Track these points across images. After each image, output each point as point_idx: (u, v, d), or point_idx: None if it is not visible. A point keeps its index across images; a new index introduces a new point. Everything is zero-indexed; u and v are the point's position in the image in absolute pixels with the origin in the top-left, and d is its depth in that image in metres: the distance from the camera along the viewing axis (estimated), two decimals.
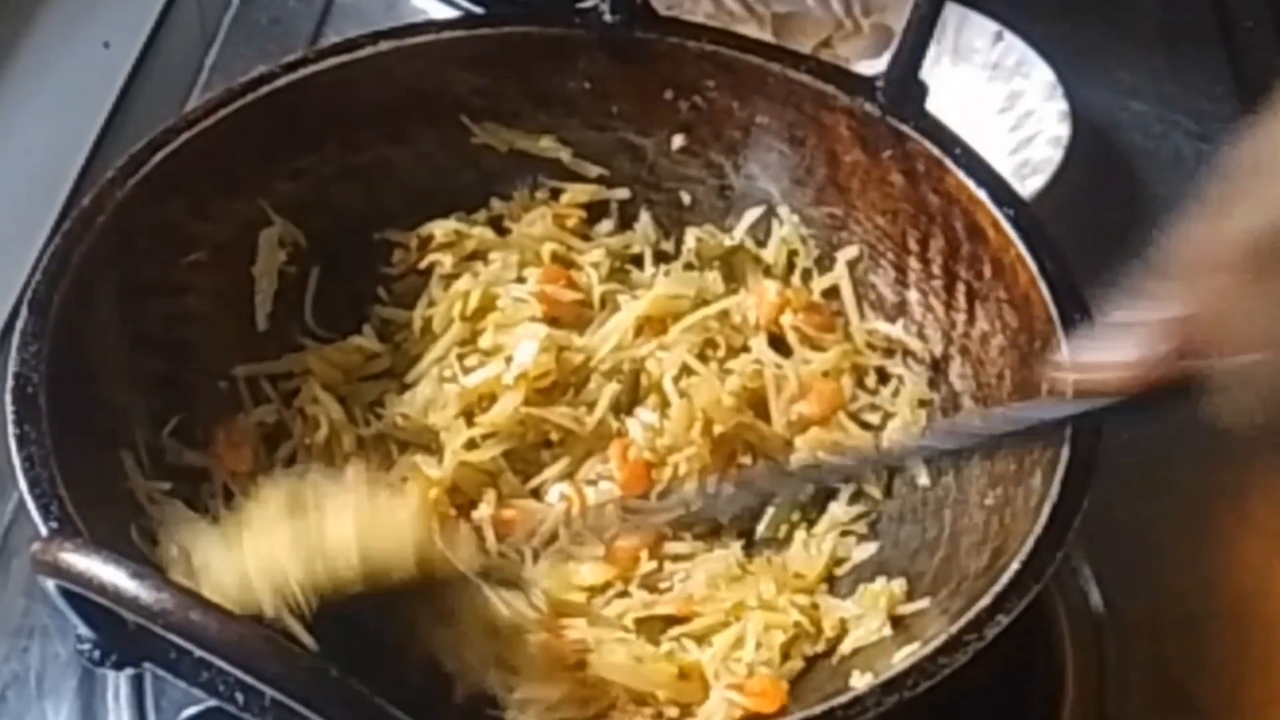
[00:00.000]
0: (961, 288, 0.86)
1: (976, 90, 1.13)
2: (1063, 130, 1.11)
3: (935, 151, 0.86)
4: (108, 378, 0.80)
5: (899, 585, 0.79)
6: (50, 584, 0.59)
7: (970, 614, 0.68)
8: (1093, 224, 1.09)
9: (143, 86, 1.14)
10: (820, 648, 0.79)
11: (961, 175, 0.85)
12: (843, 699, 0.66)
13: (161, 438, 0.82)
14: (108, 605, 0.56)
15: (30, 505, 0.70)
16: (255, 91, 0.88)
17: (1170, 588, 0.89)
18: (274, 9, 1.23)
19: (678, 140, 0.94)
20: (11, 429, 0.72)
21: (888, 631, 0.77)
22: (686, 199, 0.95)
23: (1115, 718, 0.87)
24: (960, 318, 0.86)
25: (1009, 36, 1.17)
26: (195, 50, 1.19)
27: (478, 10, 1.18)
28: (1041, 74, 1.15)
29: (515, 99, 0.93)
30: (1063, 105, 1.13)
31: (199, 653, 0.55)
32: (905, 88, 0.87)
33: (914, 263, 0.88)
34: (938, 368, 0.87)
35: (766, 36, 1.17)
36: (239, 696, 0.63)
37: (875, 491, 0.86)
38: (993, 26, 1.17)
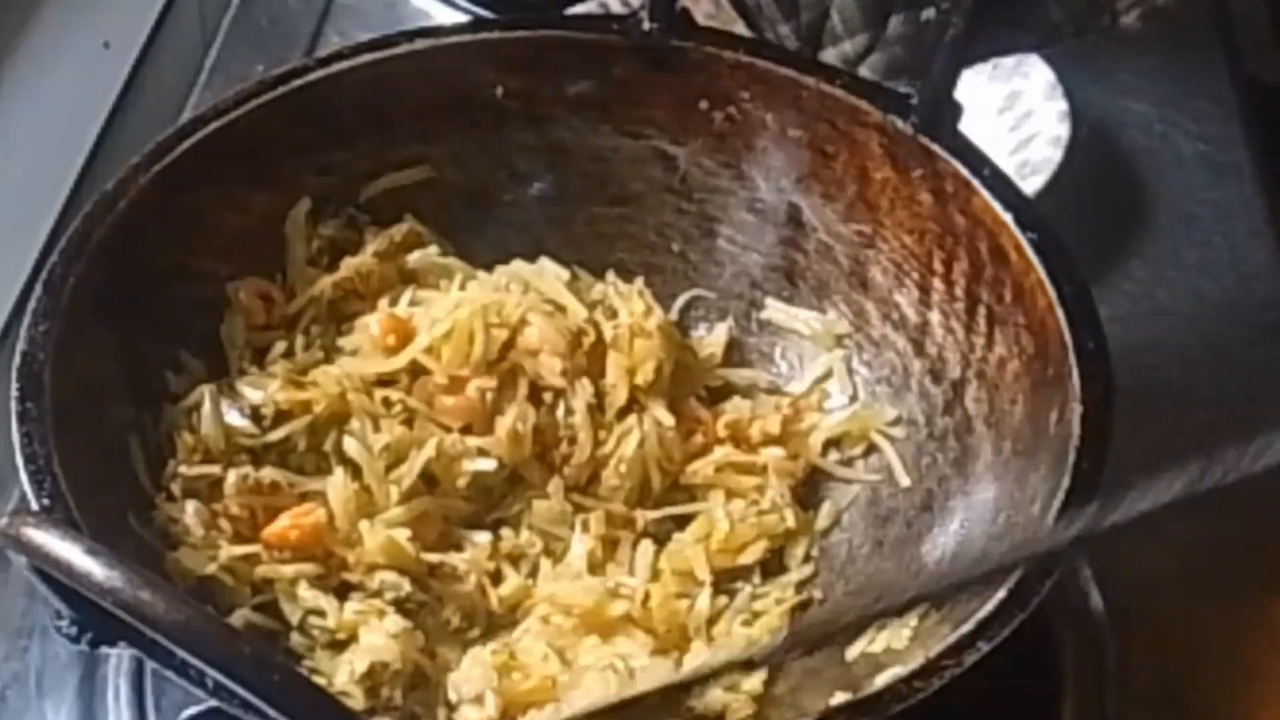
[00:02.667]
0: (982, 311, 0.85)
1: (976, 90, 1.11)
2: (1063, 130, 1.10)
3: (964, 172, 0.85)
4: (119, 362, 0.81)
5: None
6: (21, 560, 0.59)
7: (951, 639, 0.67)
8: (1093, 224, 1.08)
9: (143, 86, 1.14)
10: None
11: (988, 197, 0.84)
12: (814, 716, 0.65)
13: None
14: (66, 581, 0.56)
15: (24, 481, 0.71)
16: (287, 84, 0.88)
17: (1170, 588, 0.88)
18: (274, 9, 1.23)
19: (710, 150, 0.93)
20: (14, 405, 0.73)
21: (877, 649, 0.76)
22: (716, 211, 0.94)
23: (1115, 719, 0.86)
24: (979, 341, 0.85)
25: None
26: (195, 50, 1.20)
27: (481, 12, 1.18)
28: (1041, 74, 1.14)
29: (549, 102, 0.93)
30: (1063, 105, 1.12)
31: (149, 632, 0.55)
32: (939, 106, 0.86)
33: (938, 283, 0.87)
34: (955, 390, 0.86)
35: None
36: (209, 682, 0.63)
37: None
38: None
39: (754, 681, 0.77)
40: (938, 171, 0.86)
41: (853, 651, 0.77)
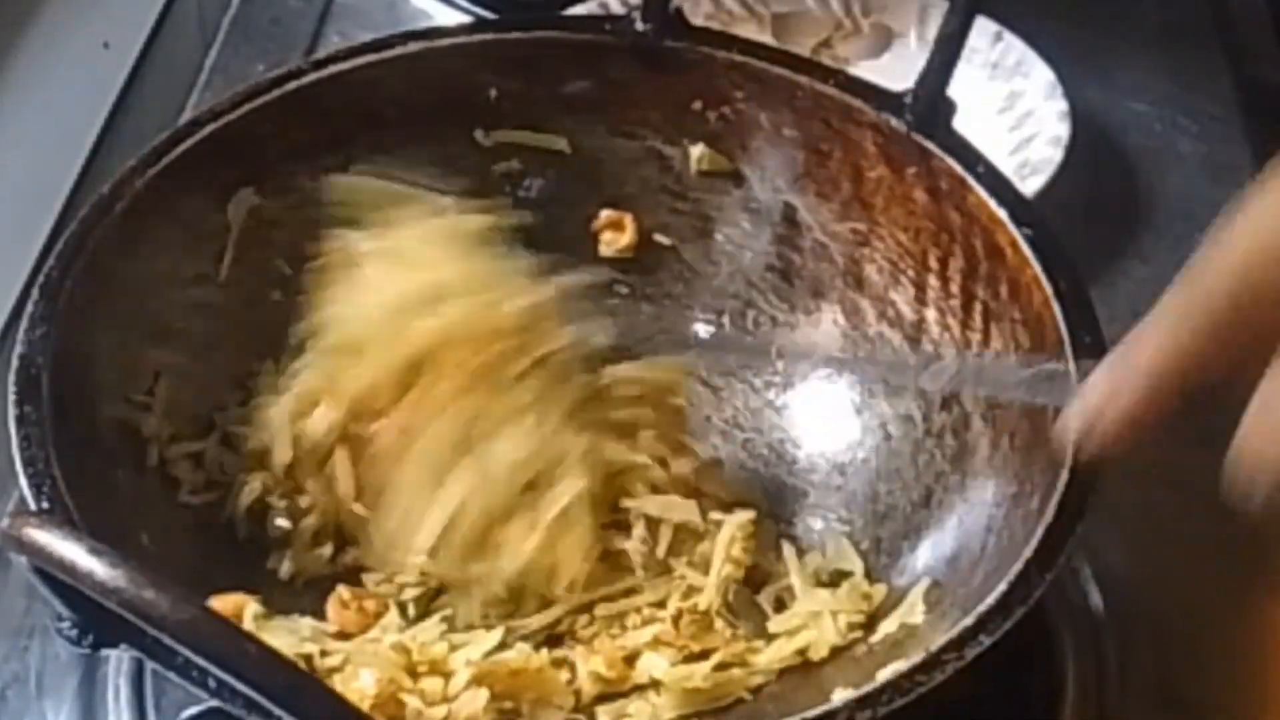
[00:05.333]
0: (978, 307, 0.85)
1: (976, 90, 1.11)
2: (1063, 130, 1.10)
3: (959, 169, 0.85)
4: (118, 366, 0.81)
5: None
6: (23, 561, 0.59)
7: (952, 633, 0.67)
8: (1093, 224, 1.08)
9: (143, 86, 1.15)
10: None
11: (983, 193, 0.84)
12: (815, 711, 0.65)
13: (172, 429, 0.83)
14: (69, 582, 0.56)
15: (23, 484, 0.71)
16: (282, 87, 0.88)
17: (1170, 588, 0.88)
18: (274, 9, 1.24)
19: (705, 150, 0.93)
20: (12, 409, 0.73)
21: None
22: (712, 211, 0.95)
23: (1115, 718, 0.86)
24: (976, 337, 0.85)
25: (1009, 36, 1.16)
26: (195, 50, 1.20)
27: (481, 12, 1.18)
28: (1041, 74, 1.14)
29: (543, 103, 0.93)
30: (1063, 105, 1.12)
31: (153, 633, 0.55)
32: (933, 104, 0.86)
33: (933, 280, 0.87)
34: None
35: (765, 37, 1.17)
36: (211, 683, 0.63)
37: None
38: (993, 26, 1.16)
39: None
40: (932, 169, 0.86)
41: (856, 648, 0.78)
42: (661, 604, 0.82)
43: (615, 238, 0.95)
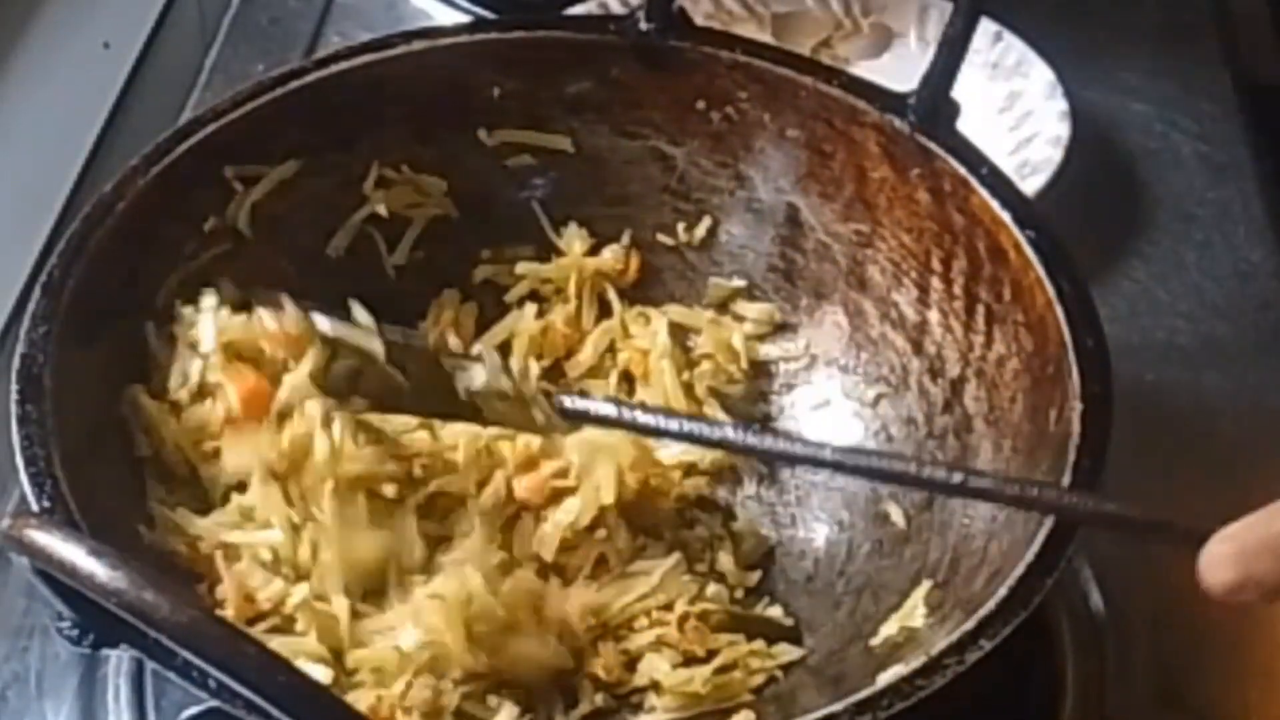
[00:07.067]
0: (981, 309, 0.85)
1: (976, 90, 1.10)
2: (1063, 130, 1.10)
3: (962, 171, 0.85)
4: (119, 364, 0.81)
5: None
6: (24, 561, 0.59)
7: (953, 637, 0.67)
8: (1093, 224, 1.08)
9: (143, 86, 1.15)
10: None
11: (986, 195, 0.84)
12: (814, 715, 0.65)
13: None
14: (69, 583, 0.56)
15: (24, 482, 0.71)
16: (285, 86, 0.88)
17: (1170, 588, 0.88)
18: (274, 9, 1.24)
19: (708, 150, 0.93)
20: (14, 408, 0.73)
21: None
22: (715, 211, 0.94)
23: (1115, 718, 0.86)
24: (978, 340, 0.85)
25: (1009, 36, 1.16)
26: (195, 50, 1.20)
27: (481, 12, 1.18)
28: (1041, 74, 1.14)
29: (547, 103, 0.93)
30: (1063, 105, 1.12)
31: (153, 634, 0.55)
32: (937, 105, 0.86)
33: (936, 282, 0.87)
34: (954, 389, 0.86)
35: (765, 36, 1.17)
36: (211, 683, 0.63)
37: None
38: (993, 26, 1.15)
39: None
40: (935, 170, 0.86)
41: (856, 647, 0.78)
42: (669, 607, 0.82)
43: (621, 278, 0.96)
